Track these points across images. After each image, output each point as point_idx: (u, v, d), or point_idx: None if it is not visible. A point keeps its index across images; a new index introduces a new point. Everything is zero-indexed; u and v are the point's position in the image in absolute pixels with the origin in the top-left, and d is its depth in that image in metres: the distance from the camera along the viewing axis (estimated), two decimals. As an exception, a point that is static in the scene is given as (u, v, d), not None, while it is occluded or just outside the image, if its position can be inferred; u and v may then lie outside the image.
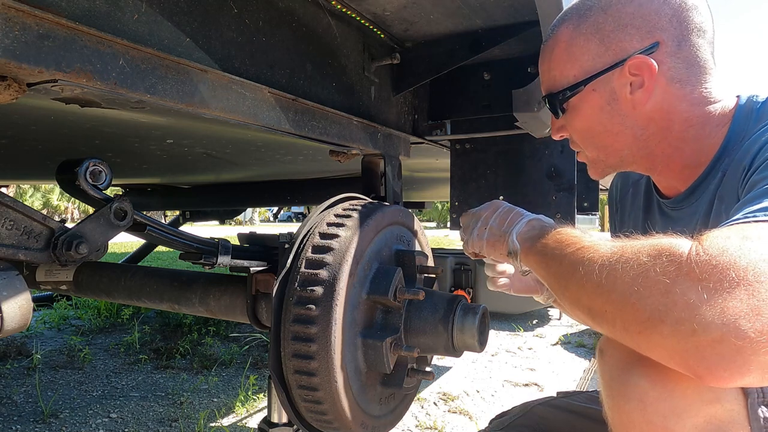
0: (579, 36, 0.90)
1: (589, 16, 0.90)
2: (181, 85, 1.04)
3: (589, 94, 0.90)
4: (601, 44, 0.88)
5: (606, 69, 0.87)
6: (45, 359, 3.09)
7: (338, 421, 1.06)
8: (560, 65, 0.93)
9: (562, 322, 4.41)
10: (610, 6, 0.88)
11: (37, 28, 0.79)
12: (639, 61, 0.85)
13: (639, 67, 0.85)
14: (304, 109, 1.41)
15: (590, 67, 0.89)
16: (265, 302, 1.26)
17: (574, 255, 0.72)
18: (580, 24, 0.90)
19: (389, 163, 1.86)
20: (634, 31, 0.86)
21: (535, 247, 0.85)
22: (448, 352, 1.13)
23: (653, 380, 0.65)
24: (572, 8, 0.94)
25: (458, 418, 2.37)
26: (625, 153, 0.93)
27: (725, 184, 0.83)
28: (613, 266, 0.64)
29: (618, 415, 0.70)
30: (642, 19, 0.85)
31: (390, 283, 1.08)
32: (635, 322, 0.60)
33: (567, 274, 0.72)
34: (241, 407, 2.43)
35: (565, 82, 0.92)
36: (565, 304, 0.75)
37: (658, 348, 0.60)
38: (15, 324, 0.88)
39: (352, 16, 1.58)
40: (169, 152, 2.21)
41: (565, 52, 0.92)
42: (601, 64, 0.88)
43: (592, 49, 0.89)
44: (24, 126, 1.57)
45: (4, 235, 0.92)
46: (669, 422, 0.64)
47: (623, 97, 0.88)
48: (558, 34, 0.94)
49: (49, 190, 26.27)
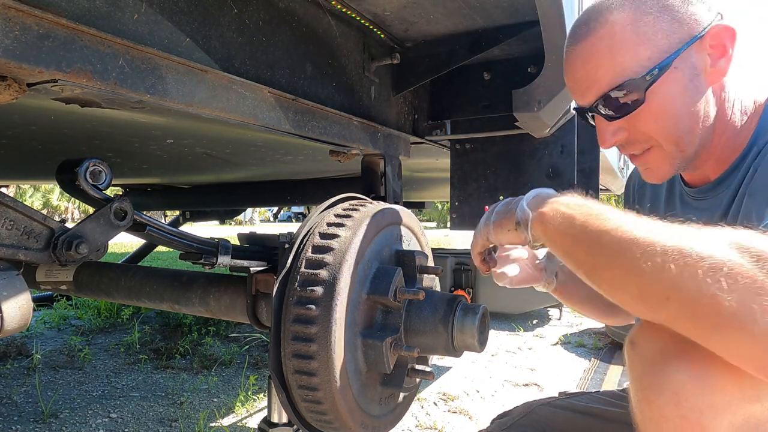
0: (645, 15, 0.82)
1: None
2: (181, 85, 1.04)
3: (672, 74, 0.82)
4: (673, 20, 0.81)
5: (687, 43, 0.81)
6: (45, 359, 3.09)
7: (338, 421, 1.06)
8: (628, 50, 0.82)
9: (562, 322, 4.41)
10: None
11: (37, 28, 0.79)
12: (719, 29, 0.81)
13: (719, 35, 0.81)
14: (304, 109, 1.41)
15: (666, 45, 0.81)
16: (265, 302, 1.26)
17: (619, 233, 0.66)
18: (639, 4, 0.82)
19: (389, 163, 1.86)
20: (700, 4, 0.82)
21: (551, 216, 0.79)
22: (448, 352, 1.13)
23: (691, 374, 0.62)
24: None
25: (458, 418, 2.37)
26: (704, 138, 0.86)
27: (756, 181, 0.80)
28: (683, 254, 0.59)
29: (649, 408, 0.66)
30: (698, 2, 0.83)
31: (390, 283, 1.08)
32: (711, 317, 0.57)
33: (610, 253, 0.67)
34: (241, 407, 2.43)
35: (642, 65, 0.81)
36: (599, 283, 0.70)
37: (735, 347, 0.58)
38: (15, 324, 0.88)
39: (352, 16, 1.58)
40: (169, 152, 2.21)
41: (633, 34, 0.82)
42: (677, 40, 0.81)
43: (664, 26, 0.81)
44: (24, 126, 1.57)
45: (4, 235, 0.92)
46: (705, 418, 0.61)
47: (705, 70, 0.83)
48: (607, 23, 0.83)
49: (49, 190, 26.27)
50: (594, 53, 0.85)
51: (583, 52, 0.86)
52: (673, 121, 0.84)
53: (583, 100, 0.89)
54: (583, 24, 0.87)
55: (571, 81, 0.91)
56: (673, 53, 0.81)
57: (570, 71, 0.90)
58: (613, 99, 0.84)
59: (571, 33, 0.90)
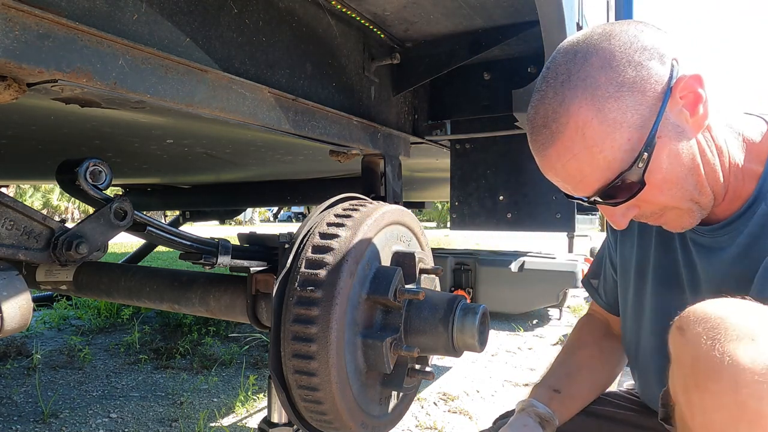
0: (606, 101, 0.76)
1: (594, 79, 0.77)
2: (181, 85, 1.04)
3: (660, 144, 0.77)
4: (634, 92, 0.76)
5: (660, 109, 0.76)
6: (45, 359, 3.09)
7: (338, 421, 1.06)
8: (605, 143, 0.77)
9: (562, 322, 4.41)
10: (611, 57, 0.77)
11: (37, 28, 0.79)
12: (683, 80, 0.77)
13: (686, 85, 0.78)
14: (304, 109, 1.41)
15: (640, 120, 0.76)
16: (265, 302, 1.26)
17: None
18: (593, 92, 0.76)
19: (389, 163, 1.87)
20: (652, 63, 0.77)
21: None
22: (448, 352, 1.13)
23: (751, 359, 0.59)
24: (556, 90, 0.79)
25: (458, 418, 2.37)
26: (715, 184, 0.83)
27: None
28: None
29: (700, 396, 0.63)
30: (650, 51, 0.78)
31: (390, 283, 1.08)
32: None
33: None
34: (241, 407, 2.43)
35: (625, 151, 0.77)
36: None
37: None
38: (15, 324, 0.88)
39: (352, 16, 1.58)
40: (169, 152, 2.21)
41: (602, 125, 0.76)
42: (648, 110, 0.76)
43: (629, 103, 0.76)
44: (24, 126, 1.57)
45: (4, 235, 0.92)
46: (766, 407, 0.58)
47: (686, 124, 0.79)
48: (569, 124, 0.78)
49: (49, 190, 26.28)
50: (571, 157, 0.79)
51: (559, 158, 0.81)
52: (680, 186, 0.81)
53: (576, 193, 0.85)
54: (542, 127, 0.81)
55: (556, 180, 0.86)
56: (652, 126, 0.76)
57: (550, 173, 0.85)
58: (611, 189, 0.80)
59: (532, 138, 0.84)
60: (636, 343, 1.08)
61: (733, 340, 0.61)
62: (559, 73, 0.80)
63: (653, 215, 0.86)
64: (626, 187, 0.80)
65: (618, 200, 0.82)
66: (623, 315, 1.13)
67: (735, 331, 0.61)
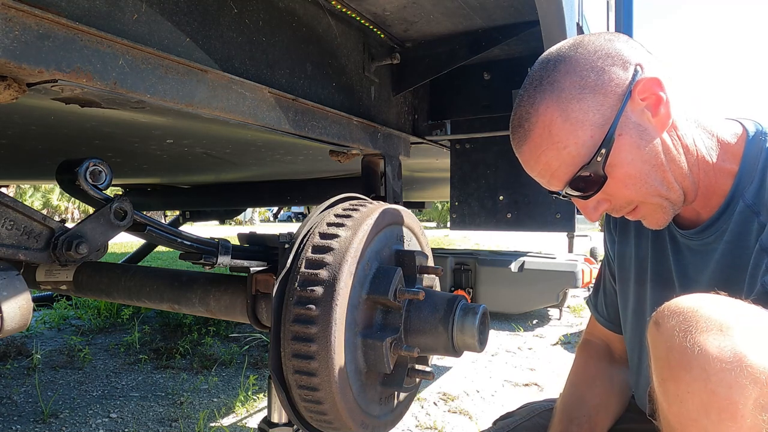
0: (569, 102, 0.84)
1: (560, 83, 0.85)
2: (181, 85, 1.04)
3: (620, 141, 0.84)
4: (596, 95, 0.84)
5: (619, 109, 0.83)
6: (45, 359, 3.09)
7: (338, 421, 1.06)
8: (569, 140, 0.84)
9: (562, 322, 4.41)
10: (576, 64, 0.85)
11: (37, 28, 0.79)
12: (643, 83, 0.83)
13: (645, 87, 0.84)
14: (304, 109, 1.41)
15: (601, 119, 0.83)
16: (265, 302, 1.26)
17: None
18: (558, 94, 0.85)
19: (389, 163, 1.87)
20: (614, 69, 0.84)
21: None
22: (448, 352, 1.13)
23: (720, 348, 0.62)
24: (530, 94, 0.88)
25: (458, 418, 2.37)
26: (682, 180, 0.88)
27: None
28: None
29: (675, 386, 0.66)
30: (613, 58, 0.85)
31: (390, 283, 1.08)
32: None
33: None
34: (241, 407, 2.43)
35: (588, 146, 0.84)
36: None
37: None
38: (15, 324, 0.88)
39: (352, 16, 1.58)
40: (169, 152, 2.21)
41: (566, 123, 0.84)
42: (609, 110, 0.83)
43: (590, 104, 0.83)
44: (24, 126, 1.57)
45: (4, 235, 0.92)
46: (734, 393, 0.60)
47: (648, 124, 0.85)
48: (538, 123, 0.86)
49: (49, 190, 26.28)
50: (540, 153, 0.88)
51: (531, 154, 0.90)
52: (644, 180, 0.86)
53: (551, 187, 0.93)
54: (518, 126, 0.91)
55: (533, 175, 0.94)
56: (610, 125, 0.83)
57: (528, 168, 0.94)
58: (578, 182, 0.87)
59: (512, 137, 0.93)
60: (639, 350, 1.07)
61: (704, 332, 0.64)
62: (533, 79, 0.89)
63: (625, 208, 0.92)
64: (593, 181, 0.87)
65: (587, 194, 0.89)
66: (624, 323, 1.13)
67: (705, 323, 0.64)
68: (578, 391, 1.17)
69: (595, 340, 1.26)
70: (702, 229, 0.93)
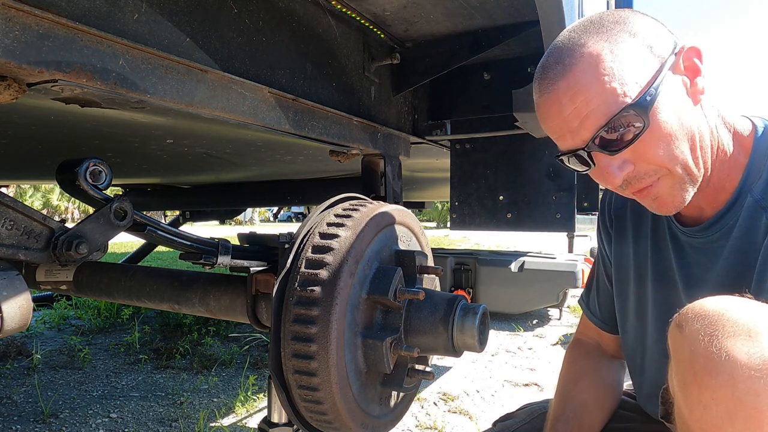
0: (619, 43, 0.80)
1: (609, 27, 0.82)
2: (181, 85, 1.04)
3: (664, 96, 0.80)
4: (645, 45, 0.81)
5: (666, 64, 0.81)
6: (45, 359, 3.09)
7: (338, 421, 1.06)
8: (616, 76, 0.78)
9: (562, 322, 4.41)
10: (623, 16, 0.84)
11: (37, 28, 0.79)
12: (687, 49, 0.82)
13: (689, 55, 0.82)
14: (304, 109, 1.41)
15: (648, 68, 0.80)
16: (265, 302, 1.26)
17: None
18: (608, 36, 0.81)
19: (389, 163, 1.87)
20: (660, 29, 0.84)
21: None
22: (448, 352, 1.13)
23: (748, 355, 0.59)
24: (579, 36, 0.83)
25: (458, 418, 2.37)
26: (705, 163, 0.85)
27: None
28: None
29: (699, 392, 0.63)
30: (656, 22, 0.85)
31: (390, 283, 1.08)
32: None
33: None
34: (241, 407, 2.43)
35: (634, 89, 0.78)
36: None
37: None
38: (15, 324, 0.88)
39: (352, 16, 1.58)
40: (169, 152, 2.21)
41: (614, 61, 0.79)
42: (657, 62, 0.80)
43: (640, 51, 0.80)
44: (24, 126, 1.57)
45: (4, 235, 0.92)
46: (762, 402, 0.58)
47: (687, 91, 0.83)
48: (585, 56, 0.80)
49: (49, 190, 26.28)
50: (581, 88, 0.79)
51: (568, 90, 0.81)
52: (678, 143, 0.81)
53: (576, 139, 0.83)
54: (554, 64, 0.83)
55: (558, 123, 0.85)
56: (658, 74, 0.79)
57: (552, 114, 0.84)
58: (614, 129, 0.80)
59: (542, 77, 0.85)
60: (642, 351, 1.06)
61: (731, 336, 0.61)
62: (572, 29, 0.85)
63: (644, 179, 0.84)
64: (629, 129, 0.79)
65: (619, 146, 0.81)
66: (623, 324, 1.12)
67: (732, 327, 0.62)
68: (564, 389, 1.16)
69: (586, 339, 1.25)
70: (707, 226, 0.91)
